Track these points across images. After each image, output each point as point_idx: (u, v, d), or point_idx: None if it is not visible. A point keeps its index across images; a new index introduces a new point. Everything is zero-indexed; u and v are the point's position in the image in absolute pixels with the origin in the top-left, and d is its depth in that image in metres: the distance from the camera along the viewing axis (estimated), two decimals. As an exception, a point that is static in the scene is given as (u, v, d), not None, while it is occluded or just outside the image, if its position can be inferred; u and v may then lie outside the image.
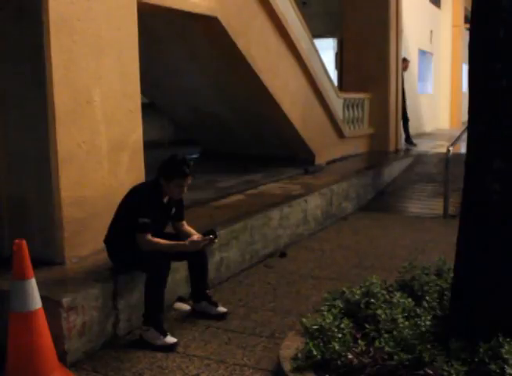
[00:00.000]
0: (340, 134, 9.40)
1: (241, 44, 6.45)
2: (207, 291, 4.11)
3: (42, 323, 3.00)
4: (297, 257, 5.61)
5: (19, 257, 2.95)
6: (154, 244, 3.66)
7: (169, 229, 4.04)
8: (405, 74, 11.80)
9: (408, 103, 11.79)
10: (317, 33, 10.13)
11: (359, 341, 3.07)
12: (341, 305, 3.53)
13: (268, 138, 8.35)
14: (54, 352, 3.07)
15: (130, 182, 4.10)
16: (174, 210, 3.95)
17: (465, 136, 3.23)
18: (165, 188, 3.77)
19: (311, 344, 3.08)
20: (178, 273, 4.19)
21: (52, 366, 3.02)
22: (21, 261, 2.94)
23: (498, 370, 2.70)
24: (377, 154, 10.12)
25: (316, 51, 8.42)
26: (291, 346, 3.26)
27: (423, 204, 8.31)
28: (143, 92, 4.68)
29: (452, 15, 19.64)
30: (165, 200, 3.85)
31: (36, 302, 2.98)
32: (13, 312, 2.96)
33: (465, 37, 15.79)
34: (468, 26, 4.02)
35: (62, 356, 3.23)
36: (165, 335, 3.58)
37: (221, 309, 4.07)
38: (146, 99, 6.71)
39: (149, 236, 3.65)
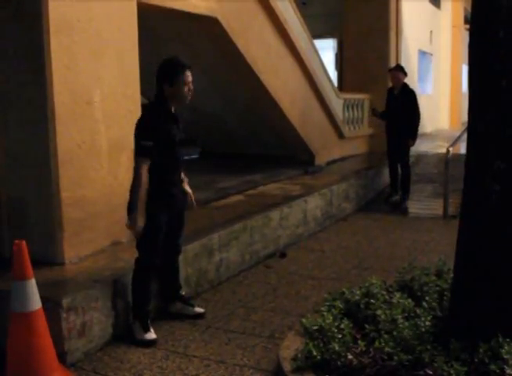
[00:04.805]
0: (339, 134, 9.41)
1: (241, 44, 6.46)
2: (182, 293, 4.04)
3: (42, 324, 3.00)
4: (297, 257, 5.61)
5: (19, 257, 2.94)
6: (137, 179, 3.50)
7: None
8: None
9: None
10: (317, 33, 10.14)
11: (359, 342, 3.07)
12: (341, 306, 3.53)
13: (268, 138, 8.36)
14: (54, 353, 3.06)
15: (130, 182, 4.09)
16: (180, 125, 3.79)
17: (465, 136, 3.23)
18: (172, 94, 3.62)
19: (310, 344, 3.08)
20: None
21: (51, 367, 3.02)
22: (21, 261, 2.94)
23: (498, 371, 2.70)
24: (377, 155, 10.12)
25: (316, 51, 8.43)
26: (291, 347, 3.26)
27: (423, 204, 8.31)
28: (143, 92, 4.68)
29: (451, 15, 19.67)
30: (173, 109, 3.71)
31: (36, 303, 2.98)
32: (13, 312, 2.96)
33: (465, 37, 15.82)
34: (468, 26, 4.02)
35: (61, 357, 3.23)
36: (147, 331, 3.61)
37: (199, 309, 4.03)
38: (145, 100, 6.70)
39: (145, 168, 3.49)
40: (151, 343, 3.58)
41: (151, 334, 3.62)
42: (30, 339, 2.94)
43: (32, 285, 2.97)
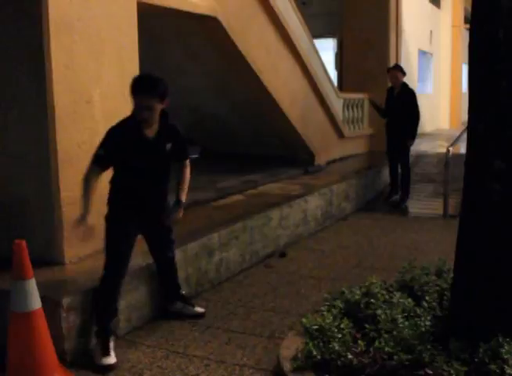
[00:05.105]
0: (339, 134, 9.41)
1: (241, 44, 6.46)
2: (183, 292, 4.04)
3: (42, 323, 3.00)
4: (297, 257, 5.61)
5: (19, 257, 2.94)
6: (85, 181, 3.47)
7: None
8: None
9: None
10: (317, 33, 10.14)
11: (359, 342, 3.07)
12: (341, 305, 3.53)
13: (268, 138, 8.36)
14: (54, 352, 3.07)
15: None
16: (169, 146, 3.59)
17: (465, 136, 3.24)
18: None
19: (311, 344, 3.08)
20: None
21: (51, 367, 3.02)
22: (21, 261, 2.94)
23: (498, 370, 2.70)
24: (377, 154, 10.12)
25: (316, 51, 8.43)
26: (291, 346, 3.26)
27: (423, 204, 8.31)
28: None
29: (451, 15, 19.69)
30: (149, 133, 3.52)
31: (36, 302, 2.98)
32: (13, 312, 2.96)
33: (465, 37, 15.83)
34: (468, 26, 4.03)
35: (61, 357, 3.23)
36: (105, 354, 3.30)
37: (199, 309, 4.03)
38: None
39: (92, 175, 3.45)
40: (107, 369, 3.24)
41: (109, 359, 3.28)
42: (30, 339, 2.95)
43: (32, 285, 2.97)
